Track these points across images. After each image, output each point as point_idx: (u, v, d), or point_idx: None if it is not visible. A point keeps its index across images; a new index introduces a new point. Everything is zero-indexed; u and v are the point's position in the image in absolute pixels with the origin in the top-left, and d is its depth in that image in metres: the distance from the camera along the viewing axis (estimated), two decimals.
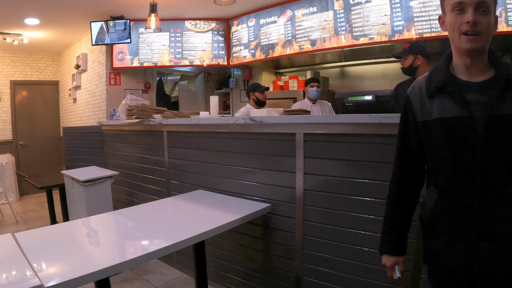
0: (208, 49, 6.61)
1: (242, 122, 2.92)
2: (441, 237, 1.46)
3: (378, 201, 2.26)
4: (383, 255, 1.69)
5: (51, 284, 1.48)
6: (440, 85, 1.43)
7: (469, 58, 1.39)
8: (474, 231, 1.35)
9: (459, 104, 1.37)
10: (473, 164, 1.34)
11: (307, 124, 2.56)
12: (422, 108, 1.49)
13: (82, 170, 4.26)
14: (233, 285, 3.23)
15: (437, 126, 1.43)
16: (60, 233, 2.25)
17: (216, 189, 3.29)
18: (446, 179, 1.43)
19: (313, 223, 2.59)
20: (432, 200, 1.49)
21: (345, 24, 5.07)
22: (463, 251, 1.39)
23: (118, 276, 3.72)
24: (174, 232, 2.24)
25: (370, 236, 2.30)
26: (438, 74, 1.47)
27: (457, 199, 1.40)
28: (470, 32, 1.33)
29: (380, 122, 2.20)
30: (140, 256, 1.86)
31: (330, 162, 2.48)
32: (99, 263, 1.70)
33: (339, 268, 2.47)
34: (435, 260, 1.51)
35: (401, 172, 1.63)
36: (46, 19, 6.19)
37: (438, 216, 1.47)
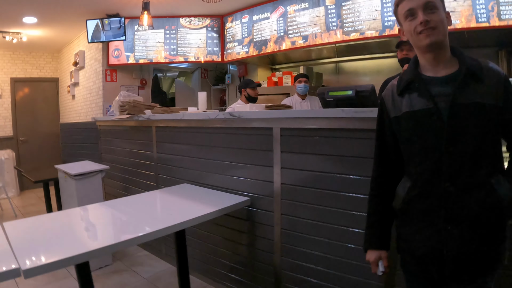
0: (203, 45, 6.68)
1: (223, 117, 2.98)
2: (412, 223, 1.53)
3: (353, 195, 2.30)
4: (367, 251, 1.72)
5: (28, 267, 1.56)
6: (408, 82, 1.53)
7: (431, 53, 1.47)
8: (443, 216, 1.42)
9: (425, 97, 1.46)
10: (440, 152, 1.42)
11: (283, 118, 2.61)
12: (393, 105, 1.58)
13: (75, 165, 4.35)
14: (217, 277, 3.31)
15: (406, 119, 1.51)
16: (46, 222, 2.34)
17: (200, 183, 3.36)
18: (417, 168, 1.51)
19: (291, 217, 2.64)
20: (405, 188, 1.55)
21: (336, 19, 5.11)
22: (432, 236, 1.45)
23: (108, 267, 3.81)
24: (154, 222, 2.31)
25: (346, 231, 2.34)
26: (407, 74, 1.56)
27: (427, 186, 1.47)
28: (424, 30, 1.42)
29: (352, 117, 2.24)
30: (118, 242, 1.95)
31: (306, 156, 2.53)
32: (79, 249, 1.78)
33: (316, 262, 2.52)
34: (406, 247, 1.57)
35: (380, 169, 1.70)
36: (43, 17, 6.28)
37: (409, 204, 1.53)
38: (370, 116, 2.16)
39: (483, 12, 4.07)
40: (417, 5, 1.44)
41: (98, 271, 3.69)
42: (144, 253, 4.21)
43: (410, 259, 1.58)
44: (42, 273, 1.61)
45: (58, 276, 3.54)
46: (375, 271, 1.68)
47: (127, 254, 4.16)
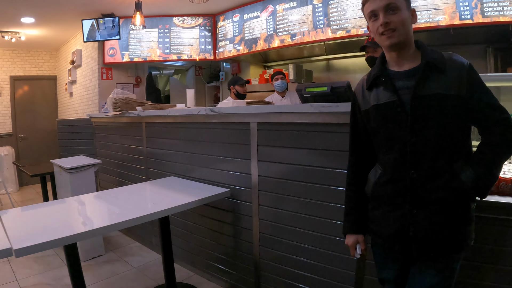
0: (196, 44, 6.82)
1: (204, 113, 3.13)
2: (380, 207, 1.65)
3: (326, 186, 2.42)
4: (346, 236, 1.81)
5: (19, 247, 1.73)
6: (374, 77, 1.63)
7: (394, 52, 1.57)
8: (408, 200, 1.53)
9: (390, 91, 1.56)
10: (404, 141, 1.52)
11: (259, 114, 2.75)
12: (363, 99, 1.69)
13: (70, 159, 4.51)
14: (202, 266, 3.46)
15: (373, 112, 1.62)
16: (39, 210, 2.52)
17: (187, 176, 3.51)
18: (385, 156, 1.62)
19: (268, 208, 2.78)
20: (376, 175, 1.67)
21: (323, 18, 5.24)
22: (398, 219, 1.56)
23: (101, 257, 3.97)
24: (139, 210, 2.46)
25: (320, 221, 2.46)
26: (375, 69, 1.66)
27: (394, 173, 1.57)
28: (385, 32, 1.51)
29: (320, 111, 2.37)
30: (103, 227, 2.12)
31: (281, 149, 2.66)
32: (68, 232, 1.96)
33: (293, 251, 2.64)
34: (376, 229, 1.69)
35: (354, 158, 1.81)
36: (41, 17, 6.43)
37: (378, 189, 1.65)
38: (337, 111, 2.29)
39: (466, 9, 4.15)
40: (378, 7, 1.52)
41: (91, 261, 3.86)
42: (136, 244, 4.38)
43: (379, 240, 1.69)
44: (32, 253, 1.78)
45: (53, 265, 3.71)
46: (353, 254, 1.78)
47: (120, 245, 4.33)
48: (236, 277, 3.13)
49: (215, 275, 3.33)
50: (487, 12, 4.10)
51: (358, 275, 2.31)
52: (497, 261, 1.87)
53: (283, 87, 5.03)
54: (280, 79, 4.99)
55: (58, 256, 3.92)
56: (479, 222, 1.67)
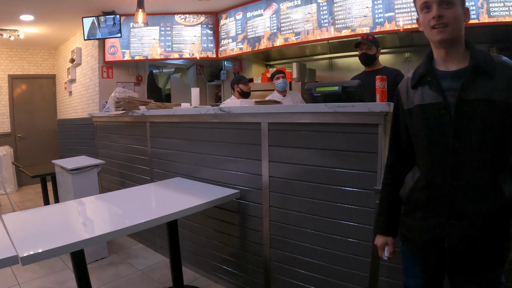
0: (198, 42, 6.75)
1: (213, 112, 3.07)
2: (416, 213, 1.58)
3: (339, 188, 2.37)
4: (376, 236, 1.79)
5: (25, 255, 1.65)
6: (421, 76, 1.55)
7: (443, 49, 1.50)
8: (446, 209, 1.45)
9: (436, 91, 1.48)
10: (446, 146, 1.44)
11: (270, 113, 2.69)
12: (407, 97, 1.61)
13: (71, 160, 4.43)
14: (209, 269, 3.40)
15: (417, 112, 1.55)
16: (43, 214, 2.44)
17: (193, 176, 3.44)
18: (425, 160, 1.55)
19: (279, 209, 2.73)
20: (413, 178, 1.60)
21: (328, 16, 5.18)
22: (435, 227, 1.49)
23: (104, 260, 3.90)
24: (145, 213, 2.40)
25: (333, 223, 2.41)
26: (421, 67, 1.59)
27: (433, 179, 1.50)
28: (437, 25, 1.44)
29: (335, 111, 2.32)
30: (111, 232, 2.03)
31: (293, 150, 2.60)
32: (74, 237, 1.87)
33: (304, 253, 2.59)
34: (409, 235, 1.63)
35: (394, 158, 1.74)
36: (40, 15, 6.34)
37: (415, 194, 1.58)
38: (353, 111, 2.24)
39: (472, 9, 4.11)
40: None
41: (94, 264, 3.78)
42: (139, 246, 4.31)
43: (412, 247, 1.63)
44: (38, 260, 1.71)
45: (55, 268, 3.63)
46: (381, 255, 1.76)
47: (123, 247, 4.25)
48: (245, 279, 3.08)
49: (223, 277, 3.27)
50: (493, 12, 4.07)
51: (373, 276, 2.25)
52: None
53: (284, 86, 4.94)
54: (281, 78, 4.89)
55: (60, 259, 3.84)
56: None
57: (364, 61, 3.66)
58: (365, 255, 2.27)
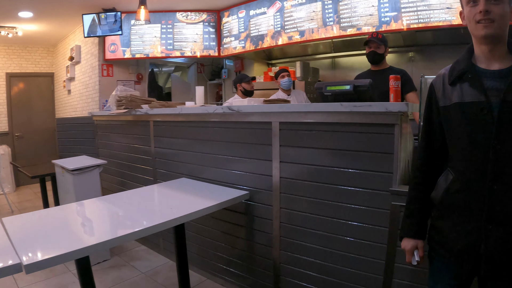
0: (199, 40, 6.65)
1: (221, 111, 2.99)
2: (452, 217, 1.50)
3: (352, 189, 2.31)
4: (403, 239, 1.70)
5: (29, 263, 1.55)
6: (460, 72, 1.48)
7: (487, 46, 1.44)
8: (485, 214, 1.38)
9: (477, 90, 1.41)
10: (487, 148, 1.37)
11: (282, 112, 2.62)
12: (443, 94, 1.54)
13: (72, 160, 4.34)
14: (216, 271, 3.32)
15: (455, 110, 1.47)
16: (46, 217, 2.34)
17: (199, 177, 3.36)
18: (462, 161, 1.47)
19: (290, 211, 2.66)
20: (447, 181, 1.53)
21: (333, 15, 5.10)
22: (472, 232, 1.42)
23: (107, 262, 3.82)
24: (152, 216, 2.33)
25: (345, 224, 2.36)
26: (460, 63, 1.52)
27: (470, 182, 1.43)
28: (483, 20, 1.38)
29: (351, 111, 2.26)
30: (118, 237, 1.95)
31: (305, 150, 2.54)
32: (79, 243, 1.78)
33: (315, 255, 2.53)
34: (441, 240, 1.56)
35: (426, 157, 1.67)
36: (39, 12, 6.22)
37: (450, 197, 1.51)
38: (369, 111, 2.19)
39: None
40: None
41: (96, 266, 3.69)
42: (142, 247, 4.22)
43: (444, 252, 1.56)
44: (42, 268, 1.62)
45: (56, 272, 3.54)
46: (410, 260, 1.67)
47: (125, 249, 4.17)
48: (252, 282, 3.02)
49: (229, 280, 3.21)
50: None
51: (387, 279, 2.21)
52: None
53: (289, 84, 4.87)
54: (286, 76, 4.82)
55: None
56: None
57: (372, 60, 3.59)
58: (379, 257, 2.23)
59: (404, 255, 1.70)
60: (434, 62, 4.93)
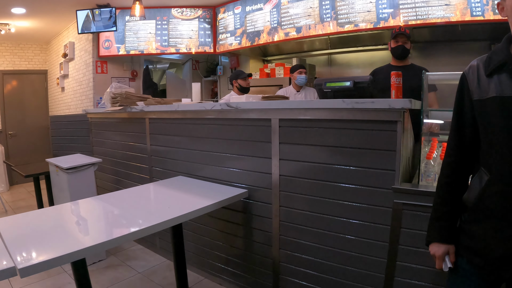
0: (195, 36, 6.59)
1: (219, 108, 2.93)
2: (488, 222, 1.39)
3: (353, 187, 2.28)
4: (432, 244, 1.58)
5: (23, 266, 1.49)
6: (500, 63, 1.37)
7: None
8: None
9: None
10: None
11: (282, 109, 2.57)
12: (479, 86, 1.43)
13: (67, 158, 4.28)
14: (214, 270, 3.28)
15: (493, 104, 1.36)
16: (40, 218, 2.27)
17: (196, 175, 3.31)
18: (501, 160, 1.35)
19: (289, 209, 2.62)
20: (481, 181, 1.42)
21: (330, 11, 5.06)
22: (509, 239, 1.32)
23: (102, 262, 3.76)
24: (150, 216, 2.26)
25: (345, 222, 2.33)
26: (498, 54, 1.41)
27: (510, 184, 1.32)
28: None
29: (353, 108, 2.22)
30: (115, 238, 1.88)
31: (305, 147, 2.50)
32: (75, 246, 1.71)
33: (316, 254, 2.50)
34: (476, 246, 1.44)
35: (457, 154, 1.54)
36: (32, 8, 6.14)
37: (487, 199, 1.39)
38: (372, 107, 2.15)
39: (477, 5, 4.02)
40: None
41: (92, 266, 3.64)
42: (138, 247, 4.17)
43: (476, 259, 1.44)
44: (38, 272, 1.55)
45: (51, 273, 3.48)
46: (441, 266, 1.56)
47: (121, 249, 4.11)
48: (251, 281, 2.98)
49: (227, 279, 3.16)
50: None
51: (389, 277, 2.18)
52: None
53: (305, 81, 4.82)
54: (304, 73, 4.78)
55: None
56: None
57: (400, 54, 3.49)
58: (380, 255, 2.20)
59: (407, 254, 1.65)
60: (432, 59, 4.91)
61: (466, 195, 1.50)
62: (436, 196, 1.60)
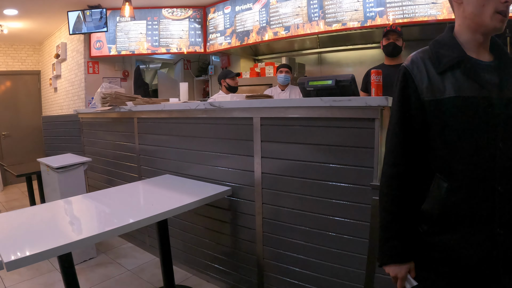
0: (185, 36, 6.64)
1: (203, 107, 2.98)
2: (457, 230, 1.30)
3: (334, 184, 2.31)
4: (389, 266, 1.43)
5: (10, 260, 1.55)
6: (455, 61, 1.29)
7: (485, 36, 1.30)
8: (497, 220, 1.25)
9: (478, 83, 1.26)
10: (494, 148, 1.24)
11: (263, 108, 2.62)
12: (430, 86, 1.31)
13: (57, 158, 4.32)
14: (201, 267, 3.33)
15: (452, 105, 1.27)
16: (29, 215, 2.32)
17: (183, 173, 3.36)
18: (463, 165, 1.28)
19: (272, 206, 2.66)
20: (441, 189, 1.32)
21: (318, 10, 5.11)
22: (484, 242, 1.27)
23: (93, 260, 3.81)
24: (134, 212, 2.31)
25: (327, 219, 2.36)
26: (448, 49, 1.32)
27: (476, 187, 1.26)
28: (505, 12, 1.23)
29: (331, 106, 2.25)
30: (99, 233, 1.93)
31: (286, 145, 2.54)
32: (61, 240, 1.77)
33: (298, 250, 2.54)
34: (448, 256, 1.33)
35: (406, 162, 1.38)
36: (24, 9, 6.17)
37: (452, 207, 1.30)
38: (349, 105, 2.18)
39: None
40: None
41: (82, 264, 3.69)
42: (128, 245, 4.22)
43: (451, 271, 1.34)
44: (25, 265, 1.60)
45: (43, 270, 3.53)
46: (402, 286, 1.42)
47: (112, 247, 4.16)
48: (237, 278, 3.02)
49: (215, 276, 3.21)
50: None
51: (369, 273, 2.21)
52: None
53: (286, 80, 4.92)
54: (284, 72, 4.89)
55: (48, 260, 3.73)
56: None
57: (391, 52, 3.48)
58: (361, 252, 2.23)
59: None
60: None
61: (427, 206, 1.36)
62: (383, 212, 1.44)
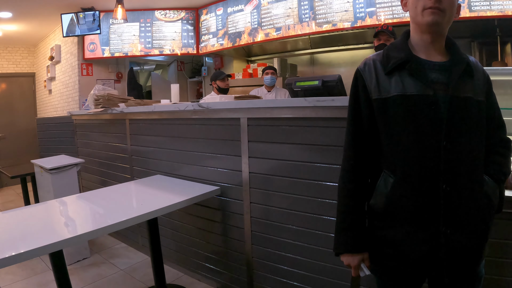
0: (178, 38, 6.69)
1: (192, 108, 3.03)
2: (403, 225, 1.34)
3: (320, 183, 2.35)
4: (344, 255, 1.46)
5: (1, 257, 1.60)
6: (401, 61, 1.33)
7: (430, 35, 1.34)
8: (441, 218, 1.28)
9: (422, 82, 1.30)
10: (438, 147, 1.27)
11: (250, 108, 2.66)
12: (377, 85, 1.36)
13: (51, 159, 4.36)
14: (192, 266, 3.37)
15: (396, 103, 1.31)
16: (22, 214, 2.39)
17: (174, 174, 3.40)
18: (407, 162, 1.31)
19: (260, 205, 2.71)
20: (387, 184, 1.36)
21: (309, 11, 5.17)
22: (428, 239, 1.30)
23: (86, 260, 3.84)
24: (126, 211, 2.35)
25: (315, 218, 2.39)
26: (397, 51, 1.38)
27: (421, 184, 1.29)
28: (434, 7, 1.27)
29: (315, 106, 2.29)
30: (89, 231, 1.98)
31: (272, 145, 2.58)
32: (52, 238, 1.82)
33: (286, 249, 2.57)
34: (396, 252, 1.37)
35: (358, 158, 1.43)
36: (19, 12, 6.21)
37: (396, 203, 1.34)
38: (333, 105, 2.22)
39: None
40: None
41: (76, 264, 3.73)
42: (121, 245, 4.26)
43: (397, 265, 1.39)
44: (16, 263, 1.66)
45: (37, 270, 3.57)
46: (357, 274, 1.46)
47: (105, 247, 4.20)
48: (228, 277, 3.06)
49: (206, 275, 3.25)
50: (474, 7, 4.11)
51: None
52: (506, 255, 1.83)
53: (271, 82, 4.99)
54: (270, 74, 4.98)
55: (42, 260, 3.77)
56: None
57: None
58: None
59: None
60: None
61: (374, 201, 1.42)
62: (339, 203, 1.49)
